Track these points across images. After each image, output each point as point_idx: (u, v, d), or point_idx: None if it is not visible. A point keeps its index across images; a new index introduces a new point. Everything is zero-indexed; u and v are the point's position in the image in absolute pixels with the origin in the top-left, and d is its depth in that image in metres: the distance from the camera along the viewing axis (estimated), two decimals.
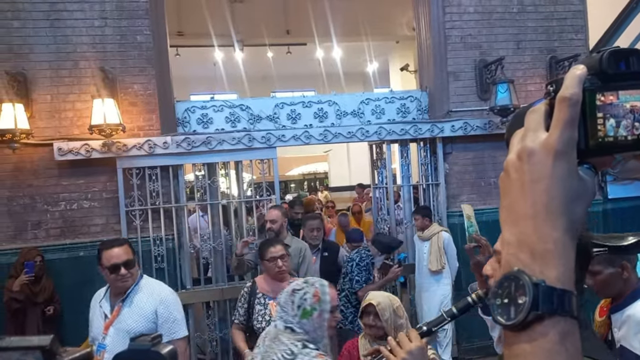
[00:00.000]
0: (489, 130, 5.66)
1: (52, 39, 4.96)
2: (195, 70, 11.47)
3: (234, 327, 3.55)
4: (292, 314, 2.24)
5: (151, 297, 2.84)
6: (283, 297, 2.28)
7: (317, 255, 4.85)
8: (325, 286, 2.32)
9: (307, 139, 5.42)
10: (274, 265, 3.42)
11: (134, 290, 2.85)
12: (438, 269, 5.11)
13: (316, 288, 2.29)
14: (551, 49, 5.99)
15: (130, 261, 2.83)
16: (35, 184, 4.89)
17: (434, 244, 5.14)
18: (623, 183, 6.11)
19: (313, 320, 2.22)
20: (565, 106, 0.56)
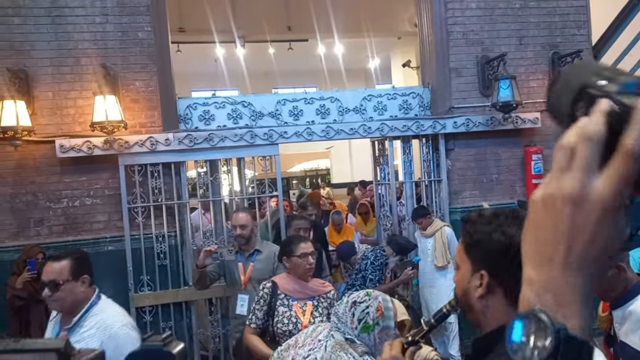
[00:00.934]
0: (491, 126, 5.64)
1: (53, 35, 4.95)
2: (196, 66, 11.46)
3: (247, 331, 3.24)
4: (352, 326, 2.18)
5: (98, 331, 2.41)
6: (341, 309, 2.22)
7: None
8: (388, 301, 2.23)
9: (310, 135, 5.42)
10: (305, 262, 3.22)
11: (83, 317, 2.46)
12: (444, 264, 5.12)
13: (379, 302, 2.21)
14: (553, 44, 5.97)
15: (54, 283, 2.41)
16: (38, 181, 4.89)
17: (437, 239, 5.14)
18: None
19: (374, 335, 2.16)
20: (629, 161, 0.52)
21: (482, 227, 1.24)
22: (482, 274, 1.22)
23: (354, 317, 2.17)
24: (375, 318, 2.16)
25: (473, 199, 5.80)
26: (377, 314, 2.16)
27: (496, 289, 1.21)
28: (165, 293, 5.01)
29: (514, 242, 1.15)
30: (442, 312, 1.37)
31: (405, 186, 5.94)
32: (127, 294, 4.94)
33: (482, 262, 1.24)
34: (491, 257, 1.21)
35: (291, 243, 3.36)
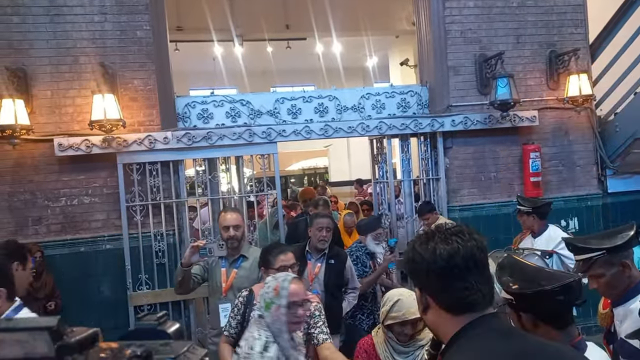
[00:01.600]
0: (489, 124, 5.66)
1: (52, 34, 4.95)
2: (194, 65, 11.46)
3: (222, 339, 3.08)
4: (259, 305, 2.48)
5: None
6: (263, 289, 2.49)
7: (321, 262, 4.18)
8: (287, 281, 2.46)
9: (308, 134, 5.42)
10: None
11: None
12: None
13: (278, 282, 2.46)
14: (551, 43, 5.99)
15: None
16: (36, 179, 4.89)
17: None
18: (623, 177, 6.12)
19: (271, 313, 2.39)
20: None
21: (408, 249, 1.37)
22: (416, 290, 1.35)
23: (261, 297, 2.47)
24: (272, 297, 2.42)
25: (471, 197, 5.81)
26: (273, 294, 2.42)
27: (430, 302, 1.31)
28: (163, 292, 5.02)
29: (422, 255, 1.29)
30: (434, 339, 1.46)
31: (403, 184, 5.95)
32: (125, 292, 4.95)
33: (414, 280, 1.37)
34: (414, 275, 1.35)
35: (269, 254, 3.15)
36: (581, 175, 6.08)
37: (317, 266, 4.15)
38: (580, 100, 5.70)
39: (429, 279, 1.29)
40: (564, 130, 6.03)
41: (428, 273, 1.28)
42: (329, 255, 4.19)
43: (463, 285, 1.25)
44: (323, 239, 4.11)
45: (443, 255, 1.26)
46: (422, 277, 1.31)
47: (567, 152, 6.05)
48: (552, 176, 6.00)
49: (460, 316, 1.26)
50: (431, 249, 1.27)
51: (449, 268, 1.25)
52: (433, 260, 1.26)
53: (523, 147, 5.83)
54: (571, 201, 5.99)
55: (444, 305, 1.28)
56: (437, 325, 1.33)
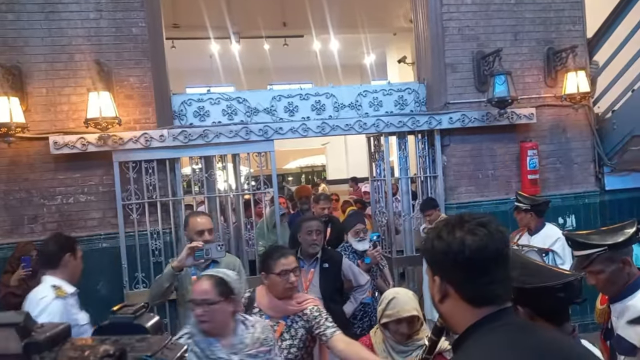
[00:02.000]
0: (486, 122, 5.64)
1: (47, 31, 4.92)
2: (191, 62, 11.40)
3: None
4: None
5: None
6: None
7: (314, 267, 3.92)
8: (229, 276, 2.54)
9: (305, 131, 5.40)
10: (284, 281, 2.84)
11: None
12: None
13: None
14: (549, 40, 5.97)
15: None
16: (32, 178, 4.87)
17: None
18: (620, 174, 6.11)
19: None
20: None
21: (429, 235, 1.34)
22: (435, 278, 1.32)
23: None
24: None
25: (469, 194, 5.80)
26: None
27: (450, 291, 1.29)
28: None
29: (450, 245, 1.25)
30: (437, 326, 1.46)
31: (400, 182, 5.93)
32: (121, 291, 4.93)
33: (434, 267, 1.34)
34: (436, 263, 1.32)
35: (270, 257, 2.93)
36: (579, 173, 6.07)
37: (310, 272, 3.88)
38: (578, 97, 5.69)
39: (453, 269, 1.27)
40: (561, 127, 6.02)
41: (454, 264, 1.26)
42: (322, 259, 3.94)
43: (489, 279, 1.25)
44: (314, 242, 3.87)
45: (472, 247, 1.23)
46: (446, 267, 1.29)
47: (564, 149, 6.04)
48: (549, 174, 5.99)
49: (479, 308, 1.25)
50: (459, 240, 1.25)
51: (476, 261, 1.24)
52: (460, 251, 1.24)
53: (521, 145, 5.82)
54: (569, 199, 5.98)
55: (465, 297, 1.27)
56: (452, 315, 1.31)
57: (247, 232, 5.38)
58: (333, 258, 4.01)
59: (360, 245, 4.42)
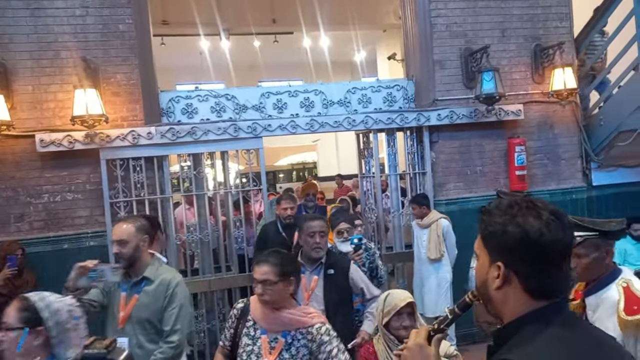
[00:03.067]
0: (474, 118, 5.67)
1: (32, 28, 4.87)
2: (181, 59, 11.36)
3: (218, 350, 2.73)
4: None
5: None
6: None
7: (318, 273, 3.44)
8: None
9: (294, 128, 5.40)
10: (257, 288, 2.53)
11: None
12: (437, 257, 5.13)
13: None
14: (536, 36, 6.00)
15: None
16: (18, 176, 4.83)
17: (432, 231, 5.14)
18: (607, 170, 6.16)
19: None
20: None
21: (497, 218, 1.23)
22: (499, 265, 1.22)
23: None
24: None
25: (457, 191, 5.82)
26: None
27: (513, 280, 1.22)
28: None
29: (528, 233, 1.17)
30: (465, 301, 1.40)
31: (390, 179, 5.94)
32: None
33: (498, 253, 1.23)
34: (506, 249, 1.21)
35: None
36: (566, 169, 6.11)
37: (313, 279, 3.39)
38: (565, 93, 5.73)
39: (524, 259, 1.19)
40: (549, 123, 6.06)
41: (527, 253, 1.19)
42: (326, 265, 3.44)
43: (557, 272, 1.20)
44: (317, 246, 3.38)
45: (548, 240, 1.17)
46: (515, 255, 1.20)
47: (552, 145, 6.07)
48: (537, 169, 6.03)
49: (537, 300, 1.21)
50: (537, 229, 1.18)
51: (552, 253, 1.19)
52: (535, 242, 1.17)
53: (508, 141, 5.85)
54: (556, 194, 6.02)
55: (528, 288, 1.21)
56: (505, 303, 1.24)
57: (237, 230, 5.37)
58: (339, 263, 3.52)
59: (344, 247, 4.02)
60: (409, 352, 1.40)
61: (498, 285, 1.23)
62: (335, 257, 3.57)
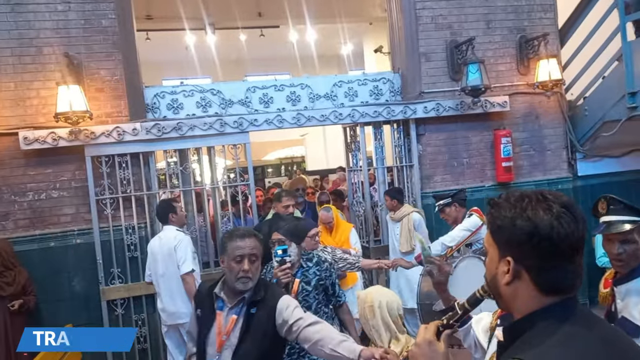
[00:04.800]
0: (461, 110, 5.69)
1: (13, 24, 4.80)
2: (167, 55, 11.25)
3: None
4: None
5: None
6: None
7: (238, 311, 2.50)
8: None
9: (280, 123, 5.38)
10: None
11: None
12: (408, 250, 5.15)
13: None
14: (521, 28, 6.02)
15: None
16: (1, 174, 4.77)
17: (404, 225, 5.17)
18: (592, 160, 6.22)
19: None
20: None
21: (506, 212, 1.19)
22: (508, 259, 1.19)
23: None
24: None
25: (444, 183, 5.85)
26: None
27: (523, 276, 1.18)
28: (136, 285, 4.96)
29: (538, 227, 1.13)
30: (475, 296, 1.37)
31: (377, 172, 5.95)
32: (97, 287, 4.88)
33: (508, 247, 1.19)
34: (515, 243, 1.17)
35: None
36: (551, 159, 6.16)
37: (230, 320, 2.50)
38: (550, 84, 5.76)
39: (535, 253, 1.15)
40: (534, 115, 6.09)
41: (537, 248, 1.14)
42: (249, 300, 2.51)
43: (571, 267, 1.16)
44: (244, 275, 2.46)
45: (561, 234, 1.13)
46: (527, 250, 1.15)
47: (537, 136, 6.11)
48: (523, 161, 6.07)
49: (548, 296, 1.17)
50: (547, 223, 1.13)
51: (563, 248, 1.14)
52: (548, 236, 1.13)
53: (494, 133, 5.88)
54: (542, 185, 6.07)
55: (538, 283, 1.16)
56: (515, 298, 1.20)
57: (224, 225, 5.36)
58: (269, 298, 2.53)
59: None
60: (417, 349, 1.36)
61: (507, 281, 1.20)
62: (265, 289, 2.57)
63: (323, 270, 3.37)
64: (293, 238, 3.31)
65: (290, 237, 3.29)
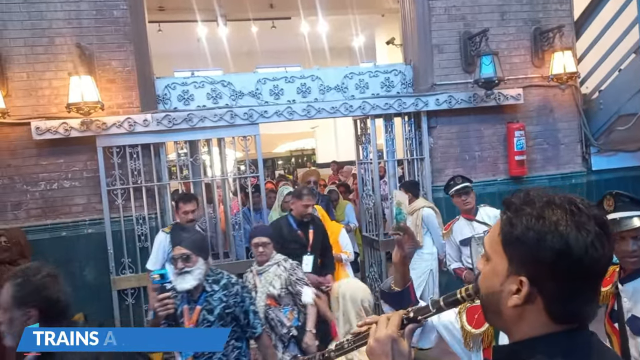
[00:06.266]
0: (473, 103, 5.62)
1: (26, 14, 4.82)
2: (179, 46, 11.25)
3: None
4: None
5: None
6: None
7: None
8: None
9: (290, 114, 5.36)
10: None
11: None
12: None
13: None
14: (536, 19, 5.93)
15: None
16: (14, 164, 4.81)
17: (413, 220, 5.11)
18: (607, 154, 6.13)
19: None
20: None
21: (531, 222, 0.96)
22: (522, 280, 0.97)
23: None
24: None
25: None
26: None
27: (536, 300, 0.98)
28: (147, 275, 4.97)
29: (571, 248, 0.93)
30: (456, 297, 1.17)
31: (387, 165, 5.91)
32: (108, 276, 4.91)
33: (523, 265, 0.98)
34: (536, 262, 0.95)
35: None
36: (565, 153, 6.08)
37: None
38: (565, 77, 5.67)
39: (556, 276, 0.94)
40: (548, 108, 6.01)
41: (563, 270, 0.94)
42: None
43: (591, 295, 0.98)
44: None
45: (594, 258, 0.93)
46: (547, 270, 0.94)
47: (551, 130, 6.04)
48: (536, 154, 6.00)
49: (557, 325, 0.99)
50: (582, 244, 0.92)
51: (592, 273, 0.96)
52: (579, 258, 0.93)
53: (507, 126, 5.81)
54: (555, 179, 6.00)
55: (553, 311, 0.97)
56: (519, 323, 1.01)
57: (234, 217, 5.36)
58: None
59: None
60: (377, 345, 1.14)
61: (516, 304, 0.99)
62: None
63: (231, 296, 2.85)
64: (200, 252, 2.82)
65: (198, 251, 2.79)
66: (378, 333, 1.15)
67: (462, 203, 4.35)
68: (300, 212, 4.37)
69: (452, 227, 4.46)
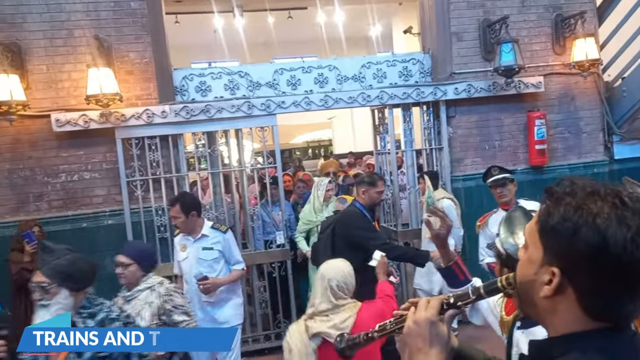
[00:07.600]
0: (493, 91, 5.54)
1: (45, 7, 4.86)
2: (196, 38, 11.28)
3: None
4: None
5: None
6: None
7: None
8: None
9: (308, 105, 5.34)
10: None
11: None
12: (429, 236, 5.02)
13: None
14: (557, 6, 5.81)
15: None
16: (35, 156, 4.87)
17: None
18: (630, 143, 6.01)
19: None
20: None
21: (569, 213, 0.92)
22: (554, 271, 0.94)
23: None
24: None
25: (475, 166, 5.73)
26: None
27: (568, 292, 0.94)
28: (166, 266, 5.00)
29: (608, 243, 0.88)
30: (496, 285, 1.14)
31: (405, 155, 5.86)
32: None
33: (557, 256, 0.95)
34: (570, 255, 0.92)
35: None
36: (587, 142, 5.98)
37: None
38: (587, 65, 5.56)
39: (590, 272, 0.90)
40: (570, 96, 5.91)
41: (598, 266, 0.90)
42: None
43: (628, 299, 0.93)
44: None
45: (634, 258, 0.88)
46: (581, 265, 0.91)
47: (573, 118, 5.93)
48: (557, 143, 5.90)
49: (594, 321, 0.94)
50: (621, 241, 0.88)
51: (630, 275, 0.90)
52: (616, 256, 0.88)
53: (528, 114, 5.72)
54: (577, 168, 5.90)
55: (586, 306, 0.94)
56: (554, 314, 0.98)
57: (252, 208, 5.37)
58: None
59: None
60: (416, 327, 1.12)
61: (547, 295, 0.96)
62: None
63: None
64: (64, 282, 2.23)
65: (60, 281, 2.22)
66: (417, 315, 1.14)
67: (498, 195, 4.16)
68: (373, 199, 4.20)
69: (487, 220, 4.23)
